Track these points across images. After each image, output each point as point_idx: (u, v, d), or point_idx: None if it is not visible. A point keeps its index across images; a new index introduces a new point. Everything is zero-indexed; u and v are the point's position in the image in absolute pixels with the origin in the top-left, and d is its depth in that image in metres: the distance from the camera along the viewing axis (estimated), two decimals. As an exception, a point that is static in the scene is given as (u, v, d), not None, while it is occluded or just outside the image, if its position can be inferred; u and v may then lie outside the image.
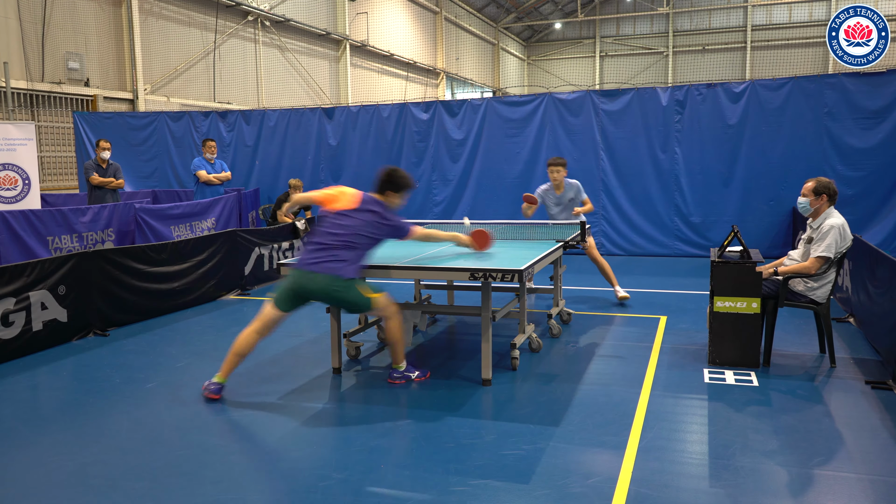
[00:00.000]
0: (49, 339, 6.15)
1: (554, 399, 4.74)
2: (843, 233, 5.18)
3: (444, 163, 12.32)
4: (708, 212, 10.94)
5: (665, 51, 33.19)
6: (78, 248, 8.55)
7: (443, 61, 28.06)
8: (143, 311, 7.18)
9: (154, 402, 4.84)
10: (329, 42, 21.19)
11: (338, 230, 4.71)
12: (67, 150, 13.53)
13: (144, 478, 3.65)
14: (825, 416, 4.37)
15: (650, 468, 3.66)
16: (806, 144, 10.38)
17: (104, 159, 10.14)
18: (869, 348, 5.78)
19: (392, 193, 4.94)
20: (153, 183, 13.57)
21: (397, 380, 5.10)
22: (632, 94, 11.21)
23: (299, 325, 6.99)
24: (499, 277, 4.60)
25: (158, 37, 15.04)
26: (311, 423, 4.42)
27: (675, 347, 5.93)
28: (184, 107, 15.29)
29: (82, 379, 5.45)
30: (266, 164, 13.31)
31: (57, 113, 13.23)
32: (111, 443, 4.12)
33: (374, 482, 3.56)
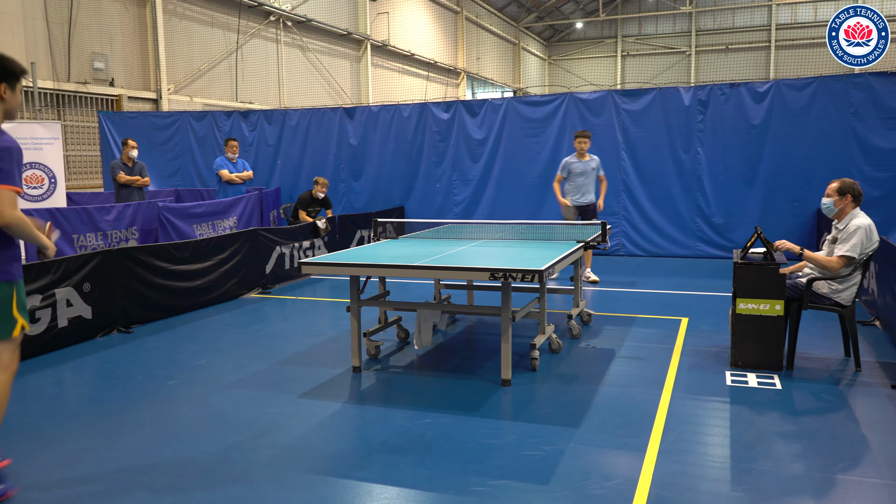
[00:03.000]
0: (74, 335, 6.24)
1: (574, 400, 4.72)
2: (869, 234, 5.11)
3: (465, 163, 12.31)
4: (730, 213, 10.83)
5: (688, 50, 32.92)
6: (102, 245, 8.65)
7: (463, 61, 28.05)
8: (166, 309, 7.25)
9: (175, 398, 4.88)
10: (350, 42, 21.26)
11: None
12: (92, 150, 13.70)
13: (165, 474, 3.69)
14: (849, 421, 4.30)
15: (671, 471, 3.63)
16: (831, 145, 10.24)
17: (131, 158, 10.25)
18: (895, 352, 5.68)
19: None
20: (176, 182, 13.70)
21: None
22: (654, 93, 11.12)
23: (319, 323, 7.02)
24: (519, 277, 4.59)
25: (182, 37, 15.19)
26: (331, 421, 4.44)
27: (697, 349, 5.88)
28: (206, 106, 15.42)
29: (105, 375, 5.51)
30: (287, 163, 13.39)
31: (82, 113, 13.40)
32: (133, 439, 4.17)
33: (394, 481, 3.57)
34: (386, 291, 6.23)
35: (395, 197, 12.86)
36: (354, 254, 5.96)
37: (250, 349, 6.07)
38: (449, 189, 12.47)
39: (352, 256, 5.53)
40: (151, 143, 13.57)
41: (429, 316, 5.49)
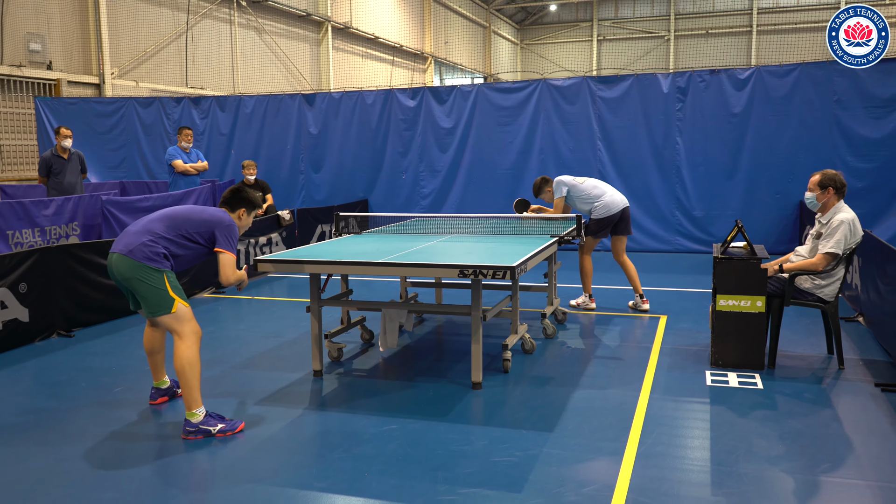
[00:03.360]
0: (9, 340, 6.11)
1: (548, 403, 4.76)
2: (853, 228, 5.23)
3: (433, 153, 12.32)
4: (711, 206, 11.00)
5: (666, 35, 33.28)
6: (40, 242, 8.49)
7: (431, 45, 28.02)
8: (111, 311, 7.15)
9: (122, 407, 4.82)
10: (310, 24, 21.11)
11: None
12: (28, 138, 13.41)
13: (111, 488, 3.64)
14: (833, 421, 4.41)
15: (649, 475, 3.69)
16: (814, 134, 10.45)
17: (65, 148, 10.03)
18: (879, 349, 5.83)
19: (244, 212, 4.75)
20: (121, 174, 13.49)
21: (191, 435, 4.28)
22: (631, 80, 11.24)
23: (277, 325, 6.98)
24: (490, 274, 4.61)
25: (127, 17, 14.93)
26: (291, 429, 4.42)
27: (676, 348, 5.97)
28: (154, 92, 15.19)
29: (45, 383, 5.42)
30: (242, 153, 13.24)
31: (17, 98, 13.11)
32: (76, 451, 4.10)
33: (358, 491, 3.57)
34: (349, 290, 6.21)
35: (358, 189, 12.82)
36: (315, 250, 5.94)
37: (203, 353, 5.96)
38: (416, 181, 12.46)
39: (312, 253, 5.50)
40: (94, 132, 13.34)
41: (394, 316, 5.48)
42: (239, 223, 4.69)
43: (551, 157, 11.57)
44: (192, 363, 4.31)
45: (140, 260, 4.28)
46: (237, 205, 4.69)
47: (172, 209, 4.60)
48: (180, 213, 4.53)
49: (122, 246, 4.35)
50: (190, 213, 4.54)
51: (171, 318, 4.33)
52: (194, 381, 4.30)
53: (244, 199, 4.71)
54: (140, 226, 4.45)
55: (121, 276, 4.36)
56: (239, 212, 4.68)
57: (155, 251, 4.31)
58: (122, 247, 4.35)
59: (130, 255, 4.29)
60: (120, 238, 4.45)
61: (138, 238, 4.34)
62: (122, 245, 4.35)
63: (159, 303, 4.31)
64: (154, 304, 4.32)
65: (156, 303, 4.31)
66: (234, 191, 4.73)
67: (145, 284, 4.29)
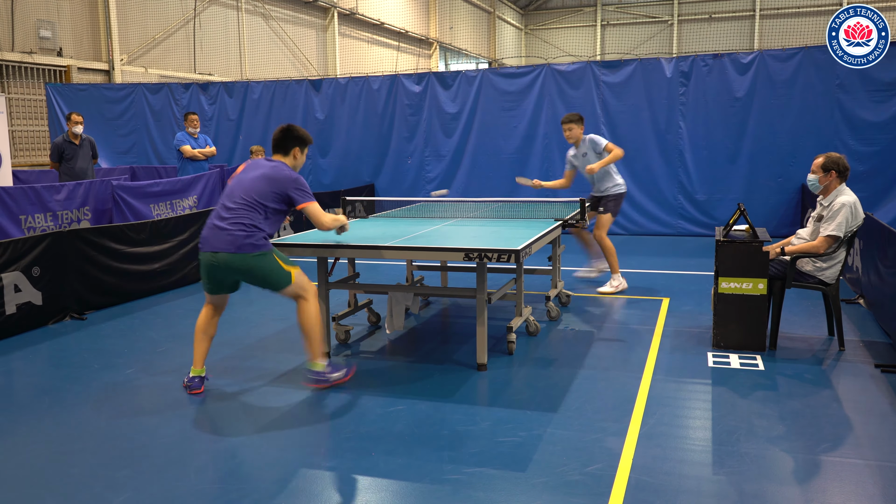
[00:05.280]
0: (23, 322, 6.14)
1: (552, 384, 4.77)
2: (854, 211, 5.20)
3: (438, 137, 12.28)
4: (713, 189, 10.96)
5: (670, 19, 32.99)
6: (53, 227, 8.50)
7: (436, 31, 27.84)
8: (122, 294, 7.17)
9: (134, 388, 4.84)
10: (316, 10, 20.99)
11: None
12: (40, 124, 13.41)
13: (125, 466, 3.66)
14: (833, 401, 4.41)
15: (651, 455, 3.70)
16: (816, 118, 10.38)
17: (76, 134, 10.03)
18: (879, 331, 5.82)
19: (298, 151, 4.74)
20: (131, 159, 13.49)
21: (317, 383, 4.66)
22: (634, 65, 11.17)
23: (286, 308, 6.98)
24: (495, 258, 4.60)
25: (135, 3, 14.86)
26: (299, 409, 4.44)
27: (678, 330, 5.96)
28: (163, 78, 15.15)
29: (59, 364, 5.45)
30: (250, 138, 13.23)
31: (28, 85, 13.10)
32: (90, 430, 4.13)
33: (365, 471, 3.58)
34: (356, 273, 6.21)
35: (364, 174, 12.80)
36: (322, 234, 5.94)
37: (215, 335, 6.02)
38: (421, 165, 12.44)
39: (319, 237, 5.50)
40: (104, 118, 13.33)
41: (401, 299, 5.49)
42: (294, 162, 4.69)
43: (555, 141, 11.52)
44: (318, 319, 4.57)
45: (251, 252, 4.35)
46: (290, 144, 4.67)
47: (237, 190, 4.48)
48: (252, 192, 4.44)
49: (224, 244, 4.34)
50: (258, 188, 4.45)
51: (292, 287, 4.50)
52: (319, 335, 4.57)
53: (296, 138, 4.69)
54: (228, 221, 4.38)
55: (237, 273, 4.45)
56: (294, 151, 4.68)
57: (258, 238, 4.38)
58: (225, 245, 4.34)
59: (240, 251, 4.33)
60: (213, 235, 4.40)
61: (236, 231, 4.34)
62: (225, 244, 4.34)
63: (279, 279, 4.46)
64: (276, 283, 4.47)
65: (276, 281, 4.47)
66: (284, 130, 4.68)
67: (264, 271, 4.41)
